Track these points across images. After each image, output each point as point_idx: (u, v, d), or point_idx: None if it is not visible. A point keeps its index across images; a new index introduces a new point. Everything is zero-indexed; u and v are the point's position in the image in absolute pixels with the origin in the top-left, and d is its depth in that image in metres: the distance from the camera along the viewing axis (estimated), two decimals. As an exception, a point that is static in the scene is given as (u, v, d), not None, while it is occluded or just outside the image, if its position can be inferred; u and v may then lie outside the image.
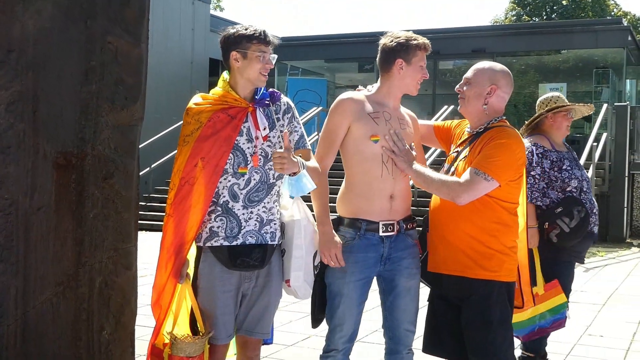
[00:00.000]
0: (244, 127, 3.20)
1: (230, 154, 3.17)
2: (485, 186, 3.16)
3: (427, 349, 3.51)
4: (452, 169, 3.35)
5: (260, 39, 3.19)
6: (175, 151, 3.27)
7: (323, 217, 3.29)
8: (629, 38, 18.65)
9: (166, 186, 3.40)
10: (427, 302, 3.53)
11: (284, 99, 3.36)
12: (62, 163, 2.88)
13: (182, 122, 3.28)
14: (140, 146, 3.24)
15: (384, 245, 3.32)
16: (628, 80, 21.01)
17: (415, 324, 3.44)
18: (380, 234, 3.31)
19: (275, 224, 3.28)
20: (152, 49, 3.22)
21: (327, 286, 3.37)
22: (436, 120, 14.63)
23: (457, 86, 3.44)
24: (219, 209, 3.19)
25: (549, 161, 4.56)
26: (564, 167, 4.57)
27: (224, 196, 3.18)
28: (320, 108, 17.46)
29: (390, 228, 3.32)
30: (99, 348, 3.04)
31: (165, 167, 15.08)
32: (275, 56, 3.27)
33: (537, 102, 4.86)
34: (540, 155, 4.55)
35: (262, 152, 3.22)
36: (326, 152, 3.37)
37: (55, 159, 2.86)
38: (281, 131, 3.28)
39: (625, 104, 15.08)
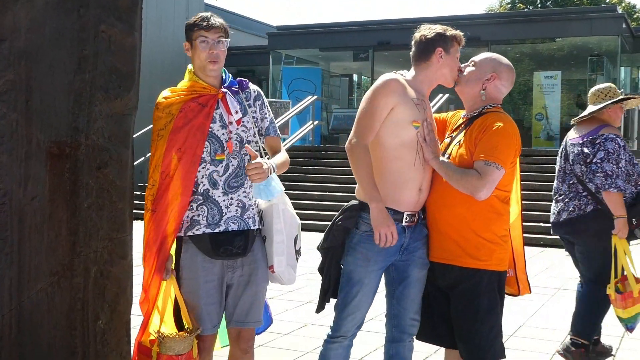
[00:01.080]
0: (216, 113, 3.19)
1: (207, 142, 3.16)
2: (498, 175, 3.17)
3: (421, 336, 3.52)
4: (446, 154, 3.35)
5: (201, 25, 3.16)
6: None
7: (375, 193, 3.21)
8: (624, 26, 18.65)
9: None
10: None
11: (253, 86, 3.35)
12: (56, 152, 2.87)
13: None
14: (134, 136, 3.23)
15: (405, 235, 3.31)
16: (622, 68, 21.05)
17: (420, 313, 3.45)
18: (403, 224, 3.30)
19: (254, 208, 3.28)
20: (145, 39, 3.22)
21: (346, 273, 3.34)
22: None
23: (462, 65, 3.46)
24: (200, 197, 3.18)
25: (627, 154, 4.60)
26: (634, 160, 4.64)
27: (204, 184, 3.18)
28: (315, 97, 17.43)
29: (412, 219, 3.33)
30: (94, 337, 3.04)
31: (160, 156, 15.02)
32: (227, 40, 3.21)
33: (593, 92, 4.90)
34: (623, 148, 4.60)
35: (237, 137, 3.22)
36: (369, 129, 3.26)
37: (48, 148, 2.85)
38: (254, 117, 3.28)
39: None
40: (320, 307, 3.45)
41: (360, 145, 3.25)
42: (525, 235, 3.63)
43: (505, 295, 3.49)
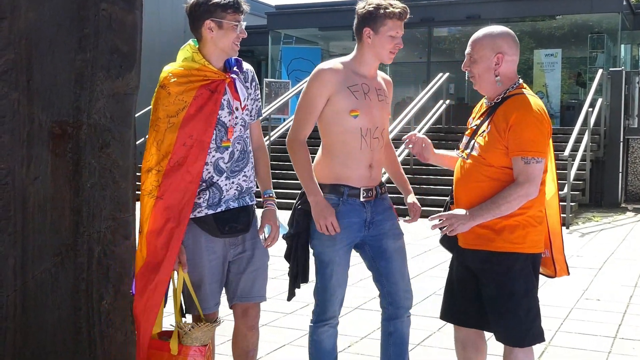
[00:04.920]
0: (224, 100, 3.15)
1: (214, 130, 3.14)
2: (540, 169, 3.07)
3: (446, 316, 3.41)
4: (473, 142, 3.20)
5: (235, 7, 3.12)
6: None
7: (312, 186, 3.31)
8: (624, 3, 18.54)
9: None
10: (448, 269, 3.45)
11: (246, 65, 3.31)
12: (58, 132, 2.86)
13: None
14: (136, 115, 3.21)
15: (366, 210, 3.36)
16: (623, 46, 20.93)
17: (410, 285, 3.46)
18: (361, 199, 3.35)
19: (252, 189, 3.31)
20: (144, 18, 3.18)
21: (316, 256, 3.38)
22: (430, 87, 14.60)
23: (463, 66, 3.27)
24: (203, 184, 3.14)
25: None
26: None
27: (209, 171, 3.14)
28: (315, 77, 17.35)
29: (370, 194, 3.38)
30: (99, 317, 3.04)
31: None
32: (245, 23, 3.20)
33: None
34: None
35: (242, 122, 3.22)
36: (305, 122, 3.36)
37: (50, 128, 2.84)
38: (251, 99, 3.28)
39: (620, 69, 15.02)
40: (291, 294, 3.48)
41: (296, 141, 3.35)
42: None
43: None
